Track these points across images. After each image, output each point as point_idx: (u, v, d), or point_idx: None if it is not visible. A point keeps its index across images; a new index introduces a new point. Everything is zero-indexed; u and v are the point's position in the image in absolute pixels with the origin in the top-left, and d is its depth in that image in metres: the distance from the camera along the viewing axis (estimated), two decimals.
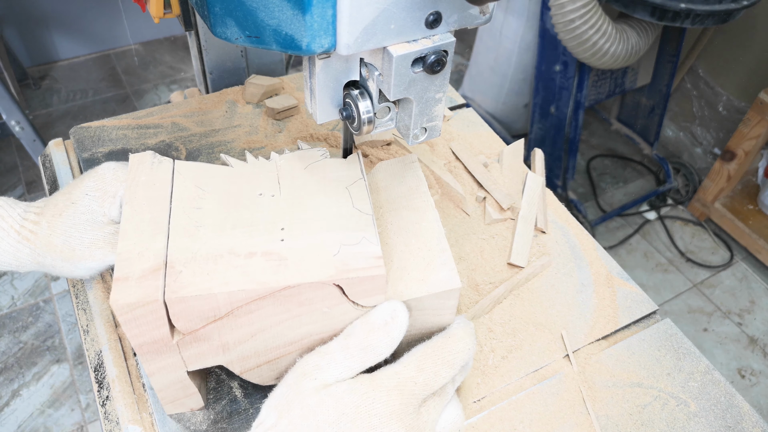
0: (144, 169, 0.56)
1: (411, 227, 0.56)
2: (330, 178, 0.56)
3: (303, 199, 0.54)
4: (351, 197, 0.54)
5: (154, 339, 0.48)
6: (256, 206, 0.53)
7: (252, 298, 0.47)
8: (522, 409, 0.64)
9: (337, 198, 0.54)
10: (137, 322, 0.46)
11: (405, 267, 0.53)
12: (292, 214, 0.52)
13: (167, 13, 0.83)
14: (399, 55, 0.46)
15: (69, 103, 2.50)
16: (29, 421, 1.57)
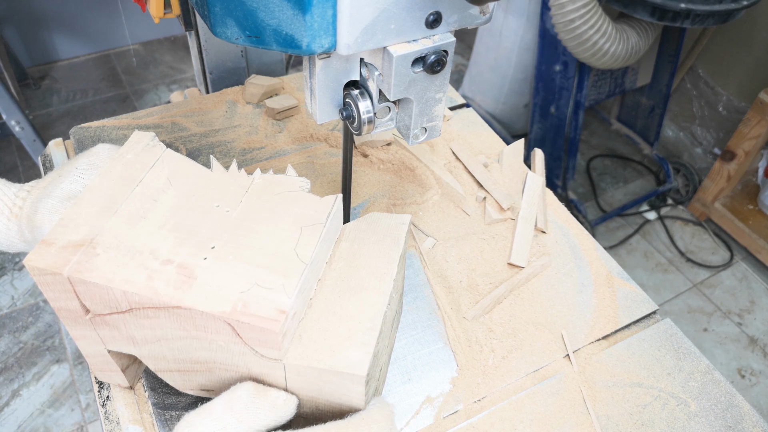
0: (135, 148, 0.56)
1: (358, 291, 0.51)
2: (292, 212, 0.52)
3: (252, 223, 0.51)
4: (299, 238, 0.50)
5: (69, 308, 0.49)
6: (205, 216, 0.51)
7: (146, 305, 0.46)
8: (522, 409, 0.64)
9: (285, 234, 0.50)
10: (50, 287, 0.48)
11: (326, 329, 0.48)
12: (233, 235, 0.50)
13: (167, 13, 0.83)
14: (399, 55, 0.46)
15: (69, 103, 2.50)
16: (29, 421, 1.57)
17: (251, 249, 0.49)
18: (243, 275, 0.47)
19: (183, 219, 0.51)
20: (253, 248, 0.49)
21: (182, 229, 0.50)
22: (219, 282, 0.46)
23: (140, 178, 0.54)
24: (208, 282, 0.46)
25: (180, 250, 0.48)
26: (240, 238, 0.50)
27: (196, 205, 0.52)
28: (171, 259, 0.48)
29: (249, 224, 0.51)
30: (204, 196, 0.53)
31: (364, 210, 0.83)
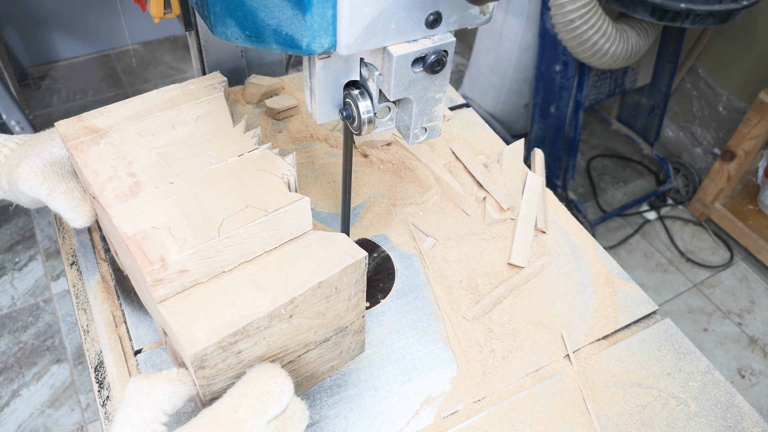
0: (200, 83, 0.64)
1: (259, 288, 0.51)
2: (255, 190, 0.54)
3: (218, 182, 0.55)
4: (236, 213, 0.52)
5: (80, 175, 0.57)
6: (191, 157, 0.57)
7: (97, 200, 0.54)
8: (522, 409, 0.64)
9: (230, 204, 0.53)
10: (70, 154, 0.57)
11: (210, 303, 0.50)
12: (194, 183, 0.54)
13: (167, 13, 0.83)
14: (399, 55, 0.46)
15: (69, 103, 2.50)
16: (29, 421, 1.57)
17: (196, 200, 0.52)
18: (169, 216, 0.51)
19: (175, 151, 0.57)
20: (198, 201, 0.52)
21: (166, 158, 0.56)
22: (148, 210, 0.51)
23: (179, 106, 0.61)
24: (141, 205, 0.52)
25: (149, 172, 0.54)
26: (197, 188, 0.54)
27: (195, 146, 0.57)
28: (135, 174, 0.54)
29: (214, 181, 0.54)
30: (206, 143, 0.58)
31: (364, 210, 0.83)
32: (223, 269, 0.52)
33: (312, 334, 0.55)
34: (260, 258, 0.53)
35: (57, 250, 1.95)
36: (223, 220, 0.51)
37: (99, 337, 0.66)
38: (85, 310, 0.69)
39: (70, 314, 1.78)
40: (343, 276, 0.53)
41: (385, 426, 0.62)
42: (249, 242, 0.52)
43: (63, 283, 1.86)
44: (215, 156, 0.56)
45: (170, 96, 0.62)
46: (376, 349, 0.68)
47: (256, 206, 0.52)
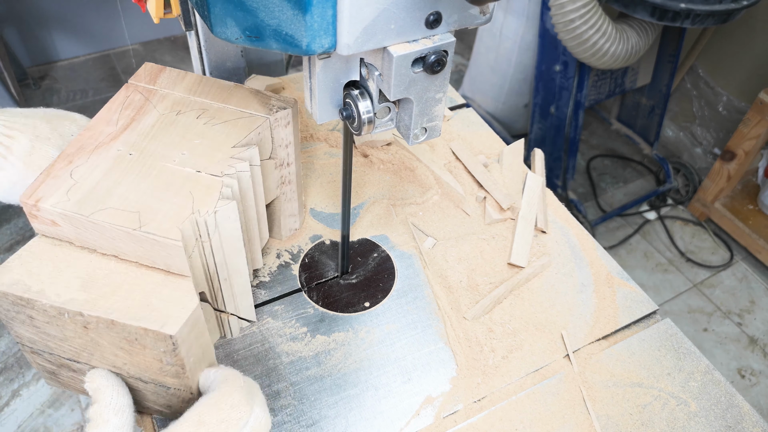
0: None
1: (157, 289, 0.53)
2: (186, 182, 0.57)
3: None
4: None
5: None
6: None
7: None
8: (522, 409, 0.64)
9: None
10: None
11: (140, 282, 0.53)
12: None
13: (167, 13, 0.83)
14: (399, 55, 0.46)
15: (69, 103, 2.50)
16: (29, 421, 1.57)
17: (121, 179, 0.55)
18: (90, 174, 0.55)
19: (169, 133, 0.60)
20: (121, 181, 0.55)
21: (158, 133, 0.60)
22: (93, 160, 0.56)
23: (228, 104, 0.64)
24: (95, 153, 0.57)
25: (133, 135, 0.59)
26: (137, 171, 0.56)
27: (187, 140, 0.60)
28: (122, 130, 0.60)
29: (154, 174, 0.56)
30: (197, 146, 0.60)
31: (364, 210, 0.83)
32: (96, 248, 0.53)
33: (121, 363, 0.53)
34: (124, 264, 0.53)
35: None
36: (108, 208, 0.52)
37: None
38: None
39: None
40: (145, 335, 0.49)
41: (385, 426, 0.62)
42: (119, 243, 0.52)
43: None
44: (183, 159, 0.57)
45: (241, 95, 0.65)
46: (376, 349, 0.68)
47: (141, 218, 0.52)
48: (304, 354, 0.67)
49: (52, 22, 2.53)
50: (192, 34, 0.94)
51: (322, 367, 0.66)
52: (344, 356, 0.67)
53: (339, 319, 0.70)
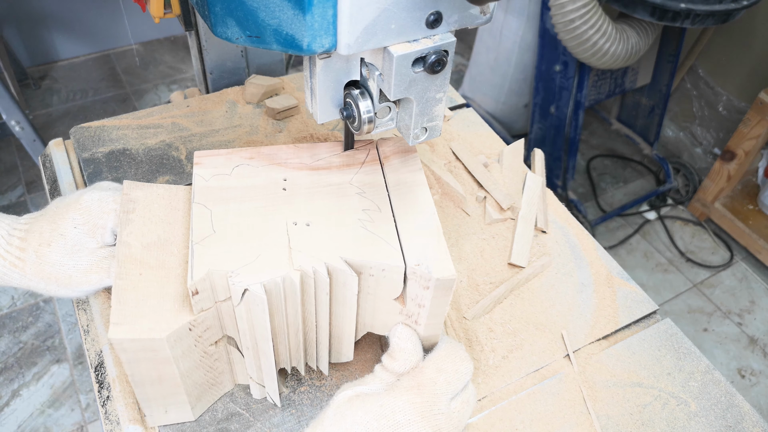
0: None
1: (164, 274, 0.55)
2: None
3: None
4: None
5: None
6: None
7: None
8: (522, 409, 0.64)
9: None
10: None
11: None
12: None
13: (167, 13, 0.83)
14: (399, 55, 0.46)
15: (69, 103, 2.50)
16: (29, 421, 1.57)
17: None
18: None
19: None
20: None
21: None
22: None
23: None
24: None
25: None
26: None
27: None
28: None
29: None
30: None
31: None
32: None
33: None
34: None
35: None
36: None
37: (99, 337, 0.66)
38: (85, 310, 0.69)
39: (70, 314, 1.78)
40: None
41: None
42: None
43: None
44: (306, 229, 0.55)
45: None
46: (377, 349, 0.68)
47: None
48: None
49: (52, 22, 2.53)
50: (192, 34, 0.94)
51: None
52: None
53: None
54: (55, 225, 0.59)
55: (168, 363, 0.52)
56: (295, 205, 0.56)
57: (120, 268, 0.53)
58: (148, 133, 0.88)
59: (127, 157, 0.84)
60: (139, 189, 0.59)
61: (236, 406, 0.61)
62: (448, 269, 0.51)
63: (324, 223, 0.55)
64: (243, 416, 0.60)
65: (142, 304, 0.51)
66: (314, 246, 0.53)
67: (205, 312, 0.52)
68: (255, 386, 0.61)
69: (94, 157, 0.84)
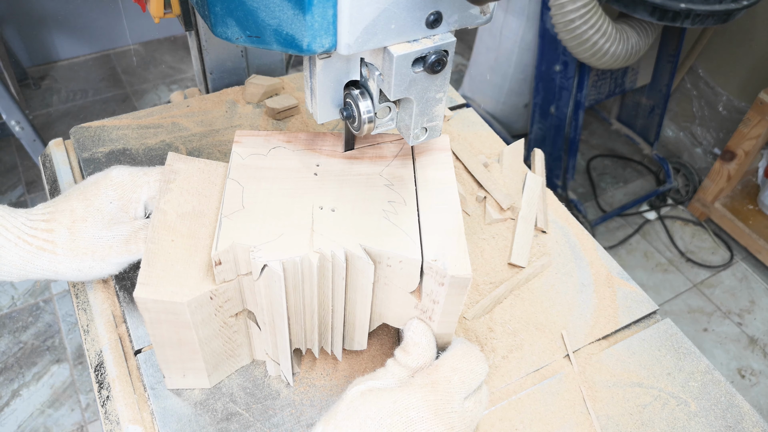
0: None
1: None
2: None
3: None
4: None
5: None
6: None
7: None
8: (522, 409, 0.64)
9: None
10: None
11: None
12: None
13: (167, 13, 0.83)
14: (399, 55, 0.46)
15: (69, 103, 2.50)
16: (29, 421, 1.57)
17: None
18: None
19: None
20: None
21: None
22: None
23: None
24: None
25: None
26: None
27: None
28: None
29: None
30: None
31: None
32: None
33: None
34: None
35: None
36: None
37: (99, 337, 0.66)
38: (85, 310, 0.69)
39: (70, 314, 1.78)
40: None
41: None
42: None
43: (63, 283, 1.86)
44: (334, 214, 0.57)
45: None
46: (377, 349, 0.68)
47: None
48: (303, 353, 0.67)
49: (52, 22, 2.53)
50: (192, 34, 0.94)
51: (322, 366, 0.66)
52: (344, 356, 0.67)
53: None
54: (89, 201, 0.60)
55: (188, 328, 0.53)
56: (324, 191, 0.58)
57: (153, 233, 0.55)
58: (148, 133, 0.88)
59: (127, 157, 0.84)
60: (182, 162, 0.62)
61: (236, 407, 0.61)
62: (464, 268, 0.51)
63: (349, 210, 0.56)
64: (243, 416, 0.60)
65: (169, 269, 0.53)
66: (336, 231, 0.54)
67: (227, 283, 0.54)
68: (270, 363, 0.62)
69: (94, 157, 0.84)
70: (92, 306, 0.69)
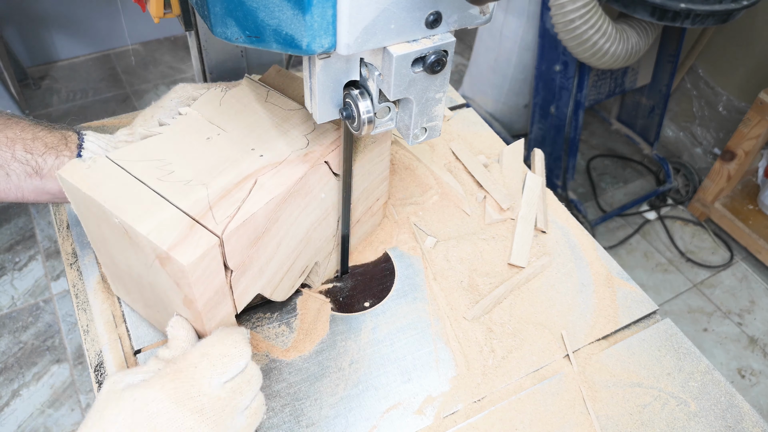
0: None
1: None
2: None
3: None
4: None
5: (215, 288, 0.54)
6: (208, 149, 0.59)
7: (278, 203, 0.56)
8: (522, 409, 0.64)
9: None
10: (203, 274, 0.51)
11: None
12: (242, 142, 0.60)
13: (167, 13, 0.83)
14: (399, 55, 0.46)
15: (69, 103, 2.50)
16: (29, 421, 1.57)
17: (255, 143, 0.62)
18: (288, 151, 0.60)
19: (205, 162, 0.60)
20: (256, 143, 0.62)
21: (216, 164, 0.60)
22: (285, 159, 0.60)
23: (130, 177, 0.59)
24: (283, 162, 0.59)
25: (241, 169, 0.59)
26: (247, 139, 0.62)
27: (193, 147, 0.61)
28: (247, 175, 0.58)
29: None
30: (190, 141, 0.61)
31: None
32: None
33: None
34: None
35: (57, 250, 1.95)
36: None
37: (99, 337, 0.66)
38: (85, 310, 0.69)
39: (70, 314, 1.78)
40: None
41: (385, 426, 0.62)
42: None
43: (63, 283, 1.86)
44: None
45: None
46: (376, 349, 0.68)
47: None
48: (304, 353, 0.67)
49: (52, 22, 2.53)
50: (192, 34, 0.94)
51: (322, 366, 0.66)
52: (344, 356, 0.67)
53: (339, 319, 0.70)
54: (155, 105, 0.67)
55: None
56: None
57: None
58: None
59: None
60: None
61: None
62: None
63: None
64: None
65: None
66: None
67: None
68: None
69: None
70: (92, 306, 0.69)
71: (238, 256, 0.55)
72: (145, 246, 0.51)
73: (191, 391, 0.48)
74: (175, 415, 0.47)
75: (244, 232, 0.53)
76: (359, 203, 0.71)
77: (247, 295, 0.60)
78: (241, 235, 0.53)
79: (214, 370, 0.50)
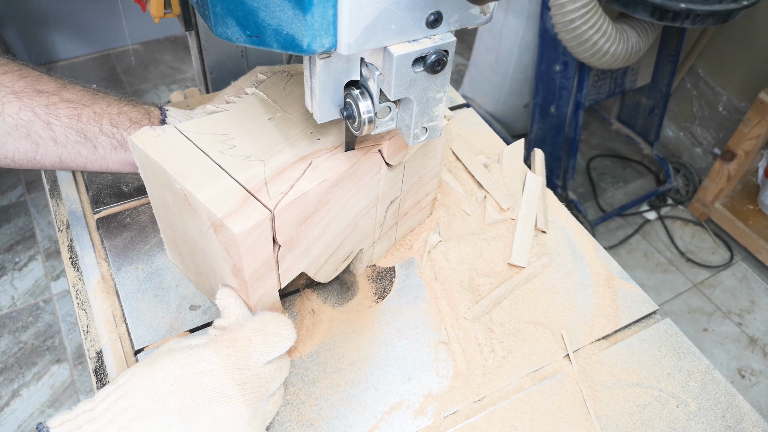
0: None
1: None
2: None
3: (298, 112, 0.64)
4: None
5: (262, 261, 0.56)
6: (269, 129, 0.61)
7: (330, 185, 0.57)
8: (522, 409, 0.64)
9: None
10: (253, 245, 0.53)
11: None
12: (303, 124, 0.62)
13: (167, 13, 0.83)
14: (400, 55, 0.46)
15: None
16: (29, 421, 1.57)
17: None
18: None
19: (266, 140, 0.62)
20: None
21: (275, 144, 0.62)
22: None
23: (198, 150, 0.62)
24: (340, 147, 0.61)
25: (298, 150, 0.61)
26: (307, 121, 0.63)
27: (258, 127, 0.63)
28: (304, 156, 0.60)
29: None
30: (255, 120, 0.63)
31: None
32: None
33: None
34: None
35: (57, 250, 1.95)
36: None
37: (99, 337, 0.66)
38: (85, 310, 0.69)
39: (70, 314, 1.78)
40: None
41: (385, 426, 0.62)
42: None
43: (63, 283, 1.86)
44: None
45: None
46: (377, 349, 0.68)
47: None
48: (304, 354, 0.67)
49: (52, 22, 2.53)
50: (192, 34, 0.94)
51: (323, 367, 0.66)
52: (344, 356, 0.67)
53: (339, 320, 0.70)
54: (234, 85, 0.69)
55: None
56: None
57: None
58: None
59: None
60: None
61: None
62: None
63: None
64: None
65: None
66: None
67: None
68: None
69: None
70: (92, 306, 0.69)
71: (287, 232, 0.56)
72: (202, 213, 0.54)
73: (240, 362, 0.51)
74: (220, 380, 0.49)
75: (295, 209, 0.55)
76: (408, 197, 0.72)
77: (292, 271, 0.61)
78: (292, 212, 0.55)
79: (265, 346, 0.52)
